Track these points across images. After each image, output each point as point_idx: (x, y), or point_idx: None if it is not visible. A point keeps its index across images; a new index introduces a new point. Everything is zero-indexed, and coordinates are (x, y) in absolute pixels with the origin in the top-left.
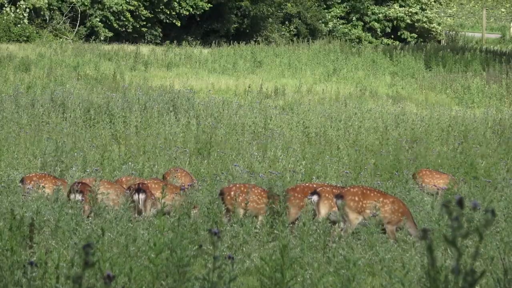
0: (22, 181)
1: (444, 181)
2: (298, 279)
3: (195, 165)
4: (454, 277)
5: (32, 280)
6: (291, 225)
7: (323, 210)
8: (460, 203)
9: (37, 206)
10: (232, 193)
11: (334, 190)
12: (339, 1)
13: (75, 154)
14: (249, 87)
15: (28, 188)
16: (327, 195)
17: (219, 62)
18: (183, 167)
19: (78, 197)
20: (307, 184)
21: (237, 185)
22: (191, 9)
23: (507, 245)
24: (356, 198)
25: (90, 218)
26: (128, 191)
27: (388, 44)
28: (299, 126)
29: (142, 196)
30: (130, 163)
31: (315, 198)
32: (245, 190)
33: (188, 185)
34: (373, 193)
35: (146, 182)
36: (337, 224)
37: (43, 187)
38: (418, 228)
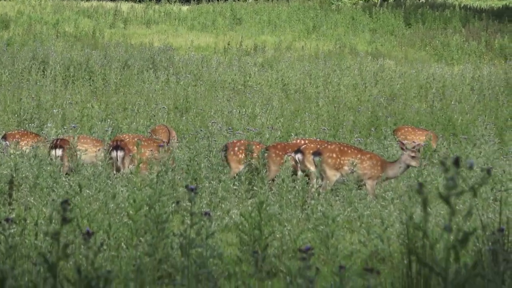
0: (4, 137)
1: (427, 138)
2: (277, 235)
3: (174, 122)
4: (446, 234)
5: (11, 236)
6: (270, 182)
7: (311, 167)
8: (457, 162)
9: (14, 163)
10: (236, 148)
11: (318, 147)
12: None
13: (55, 111)
14: (229, 44)
15: (5, 145)
16: (311, 151)
17: (198, 20)
18: (161, 124)
19: (59, 152)
20: (293, 142)
21: (242, 141)
22: None
23: (485, 201)
24: (334, 155)
25: (68, 175)
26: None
27: (368, 0)
28: (278, 83)
29: (120, 153)
30: (109, 120)
31: (299, 156)
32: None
33: (164, 142)
34: (350, 149)
35: (125, 139)
36: (314, 181)
37: (17, 142)
38: (398, 163)
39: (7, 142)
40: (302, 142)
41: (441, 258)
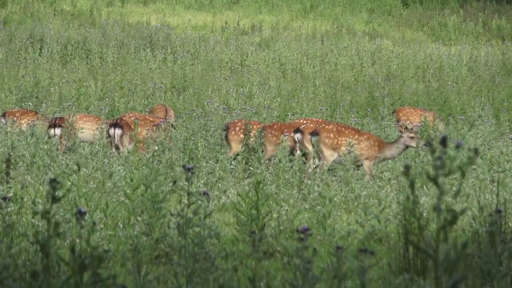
0: (3, 115)
1: (429, 118)
2: (274, 215)
3: (171, 101)
4: (436, 214)
5: (8, 215)
6: (267, 161)
7: (310, 147)
8: (444, 142)
9: (11, 141)
10: (237, 128)
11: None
12: None
13: (52, 89)
14: (226, 23)
15: (2, 122)
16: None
17: None
18: (160, 103)
19: (57, 131)
20: (294, 121)
21: (243, 121)
22: None
23: (482, 182)
24: (331, 135)
25: (65, 153)
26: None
27: None
28: (275, 63)
29: (118, 131)
30: (106, 99)
31: (298, 136)
32: (252, 126)
33: (161, 121)
34: (347, 130)
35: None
36: (312, 161)
37: (14, 121)
38: (396, 145)
39: (2, 119)
40: (303, 122)
41: (431, 239)
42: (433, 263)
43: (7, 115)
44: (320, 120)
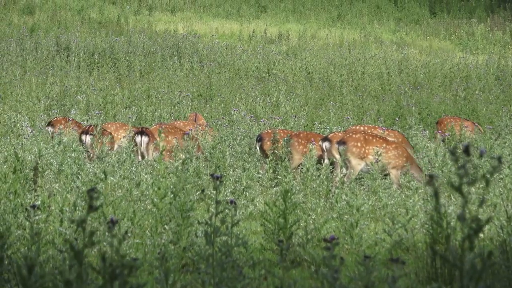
0: (50, 124)
1: (469, 128)
2: (301, 224)
3: (198, 109)
4: (461, 224)
5: (36, 223)
6: (294, 170)
7: (338, 156)
8: (467, 150)
9: (39, 149)
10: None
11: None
12: None
13: (79, 97)
14: (253, 32)
15: (51, 131)
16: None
17: (223, 7)
18: (187, 112)
19: (88, 139)
20: (352, 128)
21: (277, 131)
22: None
23: (510, 191)
24: (359, 144)
25: (93, 162)
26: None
27: None
28: (302, 72)
29: (144, 138)
30: (133, 107)
31: (326, 144)
32: (284, 135)
33: (190, 130)
34: (375, 139)
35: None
36: (339, 170)
37: (50, 131)
38: (423, 173)
39: (50, 128)
40: (361, 128)
41: (458, 248)
42: (458, 272)
43: (54, 124)
44: (378, 127)
